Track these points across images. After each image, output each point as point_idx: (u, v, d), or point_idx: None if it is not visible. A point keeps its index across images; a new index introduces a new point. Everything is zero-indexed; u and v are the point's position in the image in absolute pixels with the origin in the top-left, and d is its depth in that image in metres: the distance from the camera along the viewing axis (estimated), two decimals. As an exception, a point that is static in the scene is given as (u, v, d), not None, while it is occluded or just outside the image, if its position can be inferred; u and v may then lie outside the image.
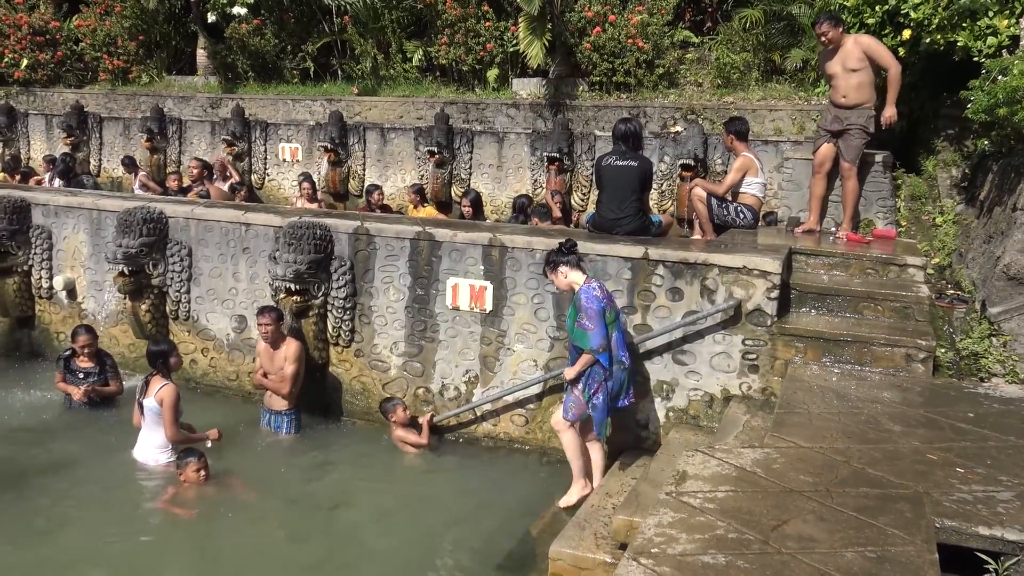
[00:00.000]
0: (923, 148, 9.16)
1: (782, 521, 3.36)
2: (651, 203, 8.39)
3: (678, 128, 11.61)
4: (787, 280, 6.00)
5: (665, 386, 6.05)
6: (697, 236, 7.59)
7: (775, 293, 5.70)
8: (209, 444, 6.13)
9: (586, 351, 5.28)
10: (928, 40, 8.06)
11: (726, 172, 9.32)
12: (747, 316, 5.78)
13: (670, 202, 11.16)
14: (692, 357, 5.96)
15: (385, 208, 11.04)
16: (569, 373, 5.45)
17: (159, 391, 6.03)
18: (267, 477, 6.05)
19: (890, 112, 6.88)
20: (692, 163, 10.62)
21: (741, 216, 7.27)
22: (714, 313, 5.79)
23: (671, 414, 6.05)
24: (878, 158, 7.44)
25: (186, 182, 12.47)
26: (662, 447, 5.69)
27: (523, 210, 9.50)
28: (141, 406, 6.09)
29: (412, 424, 6.63)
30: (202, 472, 5.68)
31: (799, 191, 7.32)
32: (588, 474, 5.61)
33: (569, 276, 5.49)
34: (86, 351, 7.06)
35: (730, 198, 7.36)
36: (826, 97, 7.53)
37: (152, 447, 6.08)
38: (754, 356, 5.79)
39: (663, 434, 6.03)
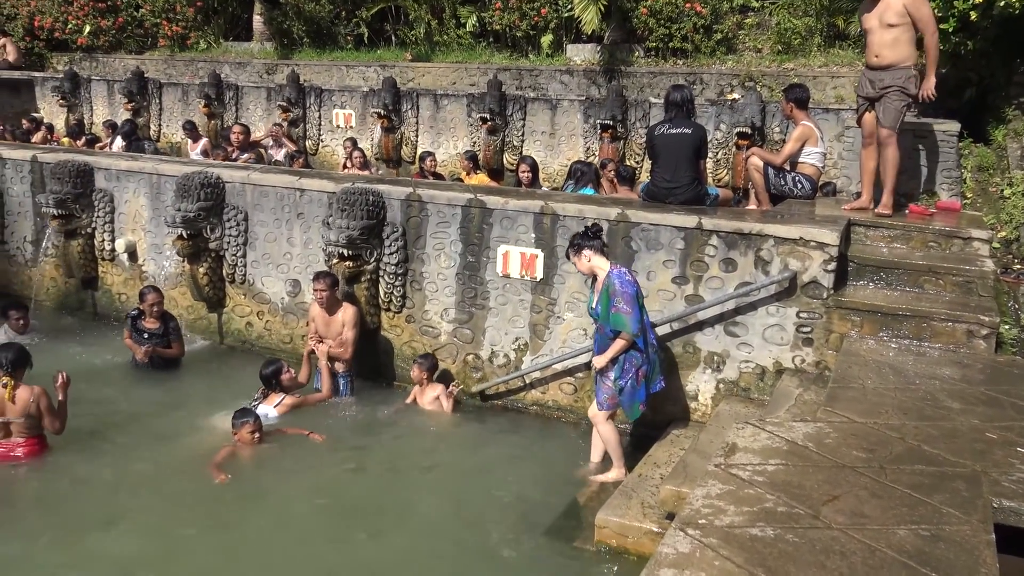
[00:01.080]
0: (993, 117, 8.81)
1: (833, 496, 3.31)
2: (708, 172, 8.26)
3: (735, 95, 11.37)
4: (845, 252, 5.87)
5: (716, 357, 5.99)
6: (752, 206, 7.45)
7: (832, 265, 5.58)
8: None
9: (626, 335, 5.25)
10: (1003, 3, 7.72)
11: (784, 141, 9.11)
12: (802, 288, 5.67)
13: (725, 171, 10.96)
14: (744, 329, 5.88)
15: (437, 175, 11.07)
16: (599, 360, 5.40)
17: (280, 403, 6.43)
18: (316, 439, 6.16)
19: (930, 84, 6.33)
20: (749, 131, 10.39)
21: (799, 186, 7.11)
22: (768, 285, 5.69)
23: (721, 386, 6.00)
24: (944, 127, 7.18)
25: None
26: (711, 419, 5.65)
27: (584, 175, 9.22)
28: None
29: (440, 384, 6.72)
30: (256, 434, 5.81)
31: (860, 160, 7.12)
32: (622, 459, 5.59)
33: (593, 261, 5.46)
34: (154, 310, 7.25)
35: (788, 168, 7.20)
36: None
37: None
38: (809, 329, 5.69)
39: (712, 406, 5.98)
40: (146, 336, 7.25)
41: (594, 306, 5.53)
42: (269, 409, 6.39)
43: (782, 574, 2.74)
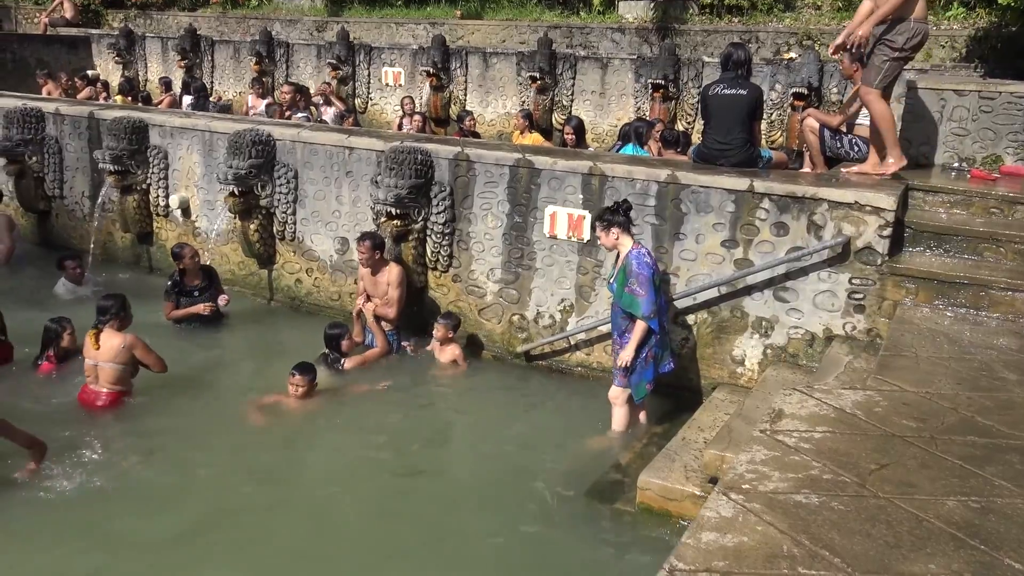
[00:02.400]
0: (1064, 78, 8.46)
1: (881, 465, 3.26)
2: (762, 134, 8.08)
3: (792, 55, 11.07)
4: (901, 217, 5.71)
5: (764, 323, 5.92)
6: (807, 169, 7.28)
7: (888, 231, 5.44)
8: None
9: (638, 317, 5.26)
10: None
11: (842, 102, 8.86)
12: (856, 254, 5.55)
13: (779, 133, 10.73)
14: (794, 294, 5.79)
15: (476, 134, 11.02)
16: (626, 353, 5.38)
17: (343, 365, 6.53)
18: (368, 394, 6.26)
19: (859, 32, 5.79)
20: (805, 92, 10.13)
21: (856, 149, 6.92)
22: (821, 250, 5.58)
23: (769, 351, 5.93)
24: (1011, 88, 6.90)
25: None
26: (758, 384, 5.60)
27: (634, 135, 9.07)
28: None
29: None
30: (299, 389, 5.89)
31: (920, 123, 6.89)
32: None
33: (620, 238, 5.44)
34: (195, 262, 7.38)
35: (845, 130, 7.00)
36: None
37: None
38: (861, 296, 5.58)
39: (759, 371, 5.93)
40: (196, 294, 7.37)
41: (611, 281, 5.54)
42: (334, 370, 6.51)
43: (826, 541, 2.72)
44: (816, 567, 2.58)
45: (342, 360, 6.54)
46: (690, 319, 6.18)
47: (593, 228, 5.62)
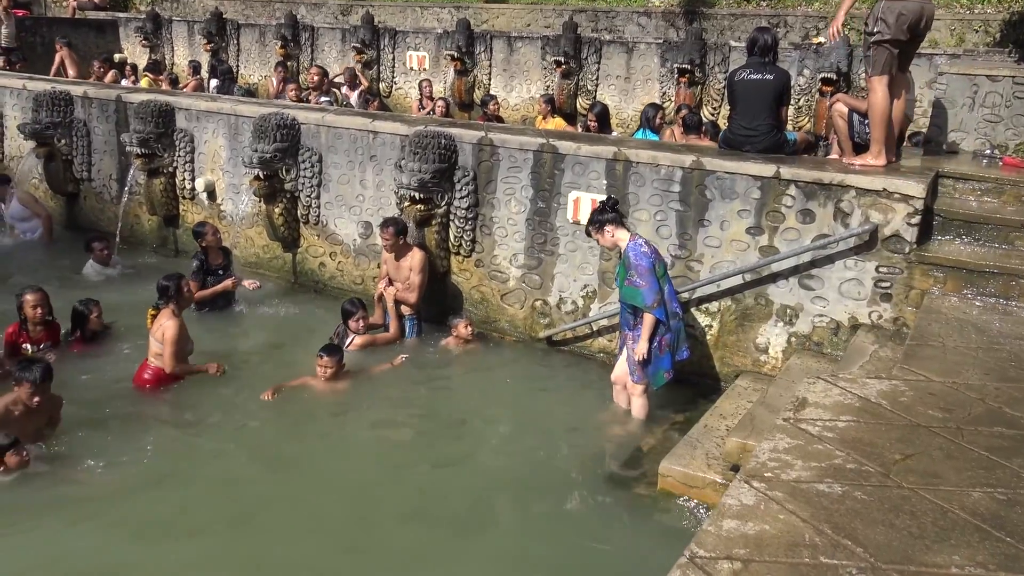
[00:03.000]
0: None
1: (906, 455, 3.23)
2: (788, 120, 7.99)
3: (821, 39, 10.91)
4: (931, 205, 5.63)
5: (788, 310, 5.87)
6: (834, 156, 7.18)
7: (916, 219, 5.36)
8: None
9: (642, 309, 5.29)
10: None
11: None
12: (883, 242, 5.48)
13: (807, 119, 10.61)
14: (820, 282, 5.73)
15: (498, 119, 10.99)
16: (640, 346, 5.38)
17: (350, 343, 6.56)
18: (390, 378, 6.29)
19: (832, 29, 5.85)
20: (834, 77, 10.00)
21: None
22: (847, 237, 5.52)
23: (793, 339, 5.88)
24: (1047, 74, 6.77)
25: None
26: (781, 372, 5.56)
27: (642, 120, 9.06)
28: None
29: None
30: (327, 370, 5.93)
31: (952, 109, 6.78)
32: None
33: (616, 235, 5.45)
34: (217, 238, 7.45)
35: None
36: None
37: None
38: (888, 284, 5.52)
39: (783, 359, 5.88)
40: (220, 273, 7.44)
41: (617, 278, 5.60)
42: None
43: (849, 531, 2.70)
44: (838, 556, 2.56)
45: (351, 337, 6.57)
46: (713, 306, 6.14)
47: (588, 234, 5.62)
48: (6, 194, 9.33)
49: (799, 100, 10.53)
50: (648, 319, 5.32)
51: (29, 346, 6.15)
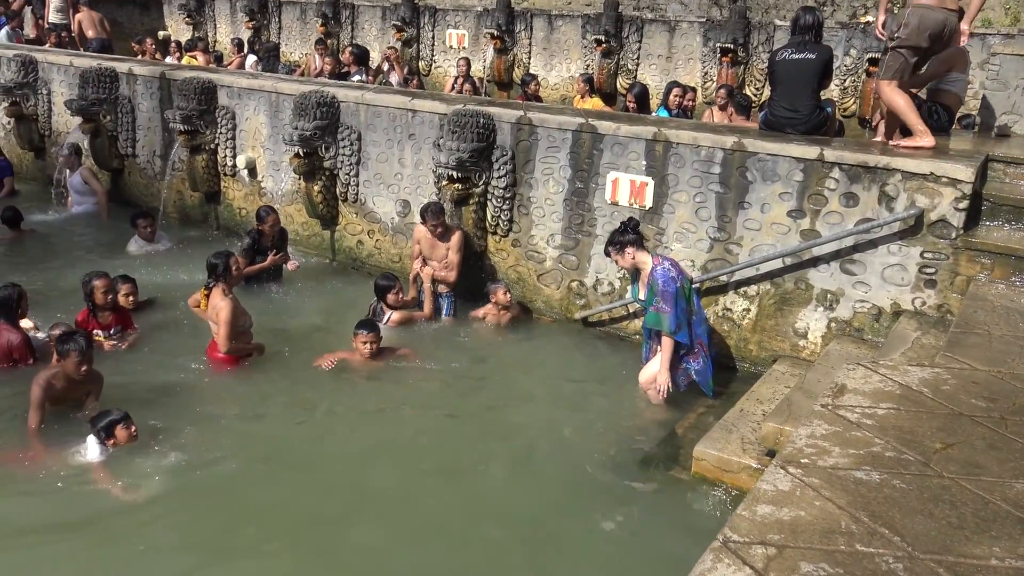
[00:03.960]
0: None
1: (947, 445, 3.17)
2: (835, 105, 7.84)
3: (868, 18, 10.67)
4: (979, 190, 5.49)
5: (829, 295, 5.78)
6: (879, 138, 7.03)
7: (964, 204, 5.24)
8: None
9: (664, 334, 5.36)
10: None
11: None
12: (929, 227, 5.36)
13: (853, 100, 10.39)
14: (862, 267, 5.64)
15: (538, 98, 10.93)
16: (663, 377, 5.47)
17: (388, 319, 6.59)
18: (427, 355, 6.32)
19: (964, 28, 5.76)
20: (881, 57, 9.75)
21: (934, 117, 6.62)
22: (892, 222, 5.41)
23: (833, 325, 5.80)
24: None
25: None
26: (820, 358, 5.49)
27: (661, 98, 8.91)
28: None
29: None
30: (369, 346, 5.95)
31: (1005, 91, 6.59)
32: None
33: (637, 256, 5.49)
34: (275, 230, 7.51)
35: (924, 96, 6.72)
36: None
37: None
38: (932, 270, 5.40)
39: (822, 345, 5.81)
40: (268, 254, 7.52)
41: (641, 297, 5.63)
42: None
43: (886, 519, 2.66)
44: (875, 545, 2.53)
45: (388, 313, 6.61)
46: (752, 290, 6.07)
47: (607, 254, 5.66)
48: (74, 165, 9.55)
49: (845, 81, 10.32)
50: (667, 344, 5.41)
51: (100, 332, 6.13)
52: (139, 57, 13.06)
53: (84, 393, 5.19)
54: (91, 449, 4.72)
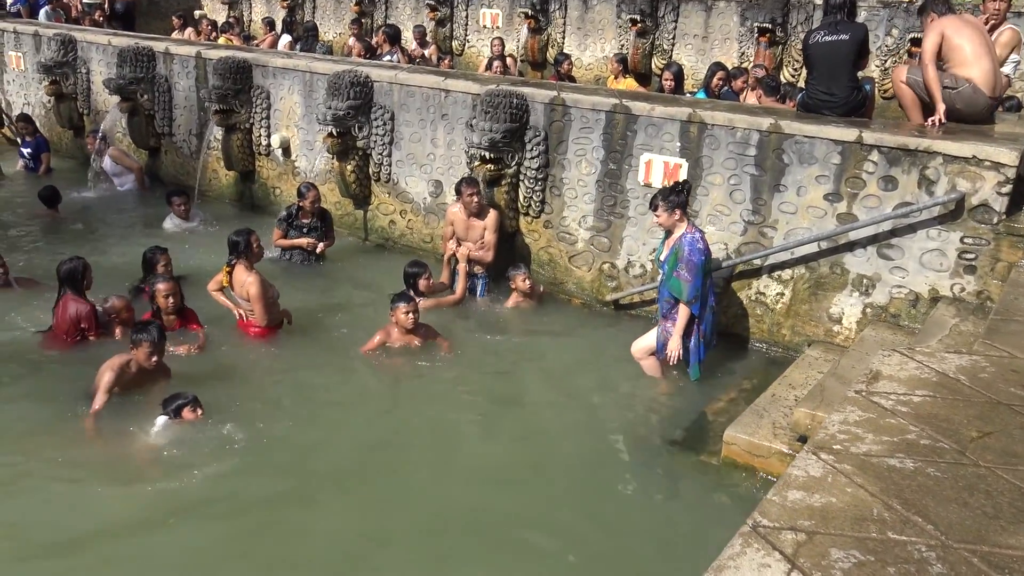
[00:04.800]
0: None
1: (984, 433, 3.12)
2: (874, 83, 7.68)
3: (912, -4, 10.41)
4: (1023, 174, 5.36)
5: (865, 280, 5.70)
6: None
7: (1007, 188, 5.12)
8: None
9: (681, 301, 5.33)
10: None
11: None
12: (970, 212, 5.25)
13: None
14: (900, 252, 5.54)
15: (571, 78, 10.85)
16: (673, 342, 5.43)
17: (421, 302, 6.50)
18: (458, 338, 6.34)
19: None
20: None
21: (979, 99, 6.47)
22: (931, 206, 5.31)
23: (868, 310, 5.72)
24: None
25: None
26: (855, 343, 5.42)
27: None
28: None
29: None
30: (411, 315, 5.88)
31: (1052, 73, 6.43)
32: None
33: (680, 220, 5.43)
34: (315, 207, 7.54)
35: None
36: None
37: None
38: (972, 256, 5.30)
39: (857, 330, 5.73)
40: (305, 230, 7.59)
41: (662, 259, 5.56)
42: None
43: (919, 507, 2.63)
44: (907, 533, 2.50)
45: (418, 300, 6.60)
46: (786, 274, 6.00)
47: (654, 207, 5.49)
48: (102, 151, 9.70)
49: (886, 62, 10.10)
50: (683, 312, 5.37)
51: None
52: (184, 36, 13.19)
53: (152, 384, 5.21)
54: (160, 429, 4.81)
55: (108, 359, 5.07)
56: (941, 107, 5.78)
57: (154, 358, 5.05)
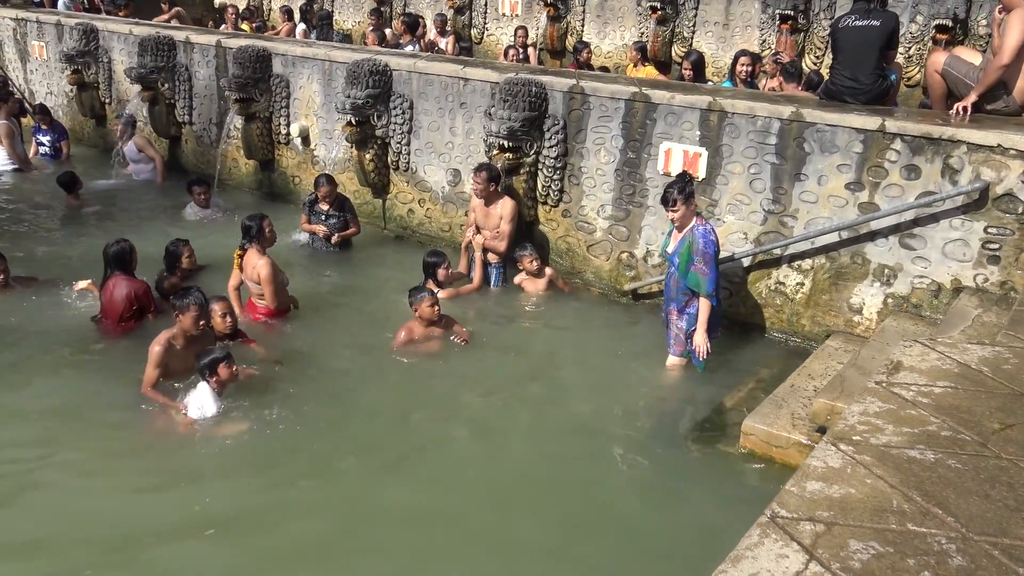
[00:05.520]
0: None
1: (1006, 425, 3.09)
2: (899, 71, 7.56)
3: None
4: (1050, 163, 5.28)
5: (887, 270, 5.64)
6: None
7: (1033, 177, 5.05)
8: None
9: (701, 295, 5.33)
10: None
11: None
12: (994, 201, 5.18)
13: (917, 68, 10.03)
14: (922, 242, 5.48)
15: (589, 66, 10.79)
16: (699, 337, 5.44)
17: (439, 292, 6.53)
18: (476, 324, 6.35)
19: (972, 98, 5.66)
20: (949, 24, 9.39)
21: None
22: (955, 195, 5.24)
23: (890, 301, 5.67)
24: None
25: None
26: (875, 334, 5.38)
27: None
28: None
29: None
30: (436, 307, 5.88)
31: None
32: None
33: (693, 212, 5.42)
34: (327, 199, 7.59)
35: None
36: None
37: None
38: (996, 246, 5.23)
39: (878, 321, 5.68)
40: (324, 218, 7.63)
41: (670, 251, 5.54)
42: None
43: (940, 499, 2.61)
44: (927, 525, 2.48)
45: (437, 290, 6.61)
46: (807, 264, 5.96)
47: (672, 202, 5.36)
48: (129, 135, 9.79)
49: (909, 49, 9.96)
50: (704, 306, 5.37)
51: None
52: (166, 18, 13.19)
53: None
54: (201, 392, 4.85)
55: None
56: (974, 97, 5.65)
57: (202, 322, 5.05)
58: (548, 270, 6.94)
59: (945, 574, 2.26)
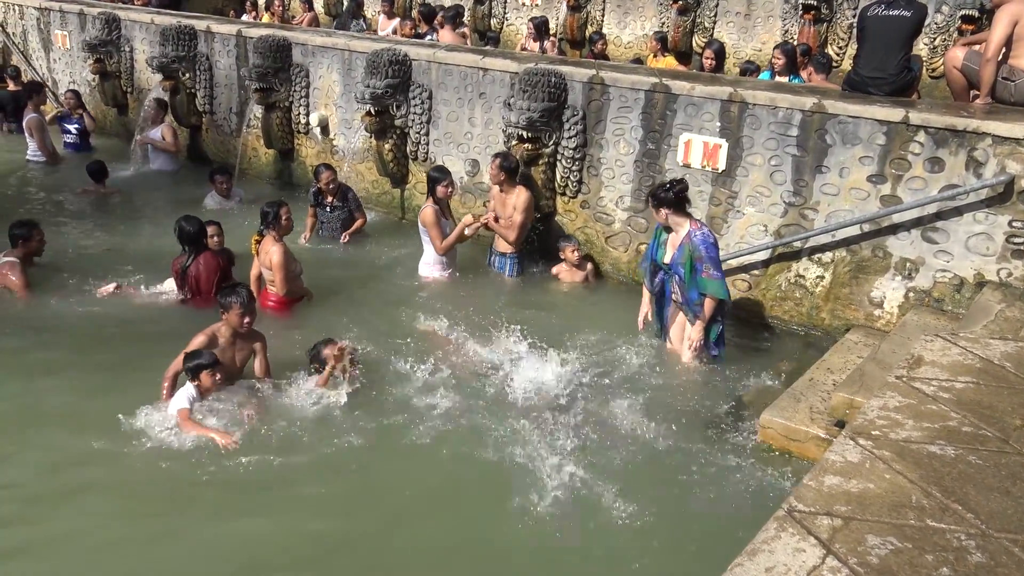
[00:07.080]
0: None
1: (1028, 421, 3.06)
2: (922, 63, 7.48)
3: (963, -28, 10.09)
4: (1076, 156, 5.21)
5: (908, 264, 5.59)
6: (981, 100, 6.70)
7: (1059, 170, 4.98)
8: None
9: (717, 297, 5.27)
10: None
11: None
12: (1019, 195, 5.12)
13: (941, 60, 9.89)
14: (945, 235, 5.42)
15: (604, 57, 10.74)
16: (697, 331, 5.40)
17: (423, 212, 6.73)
18: (492, 312, 6.33)
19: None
20: (976, 15, 9.24)
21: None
22: (979, 188, 5.18)
23: (911, 295, 5.61)
24: None
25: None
26: (896, 328, 5.33)
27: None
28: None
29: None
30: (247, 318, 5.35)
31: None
32: None
33: (682, 217, 5.34)
34: (330, 187, 7.61)
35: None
36: None
37: (426, 263, 6.92)
38: (1021, 240, 5.17)
39: (899, 315, 5.63)
40: (329, 210, 7.65)
41: (667, 262, 5.46)
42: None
43: (959, 495, 2.59)
44: (946, 520, 2.47)
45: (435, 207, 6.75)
46: (827, 257, 5.91)
47: (659, 207, 5.34)
48: (159, 119, 9.87)
49: (935, 39, 9.82)
50: (710, 303, 5.32)
51: None
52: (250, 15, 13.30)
53: (248, 352, 5.23)
54: (184, 391, 4.82)
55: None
56: (987, 99, 5.73)
57: (247, 319, 5.06)
58: (589, 265, 6.95)
59: (964, 570, 2.25)
